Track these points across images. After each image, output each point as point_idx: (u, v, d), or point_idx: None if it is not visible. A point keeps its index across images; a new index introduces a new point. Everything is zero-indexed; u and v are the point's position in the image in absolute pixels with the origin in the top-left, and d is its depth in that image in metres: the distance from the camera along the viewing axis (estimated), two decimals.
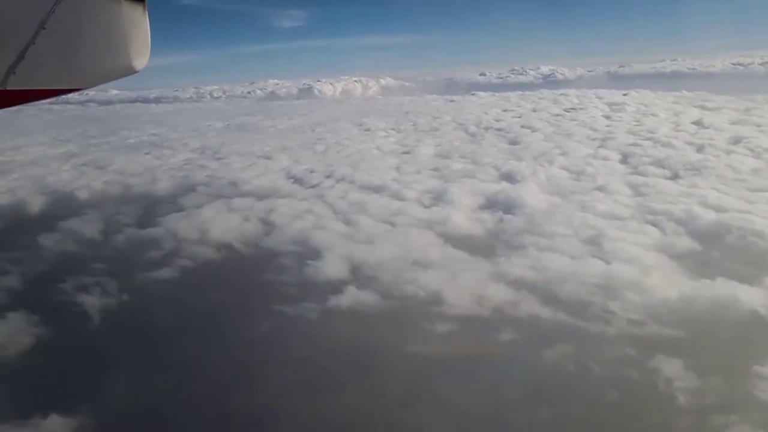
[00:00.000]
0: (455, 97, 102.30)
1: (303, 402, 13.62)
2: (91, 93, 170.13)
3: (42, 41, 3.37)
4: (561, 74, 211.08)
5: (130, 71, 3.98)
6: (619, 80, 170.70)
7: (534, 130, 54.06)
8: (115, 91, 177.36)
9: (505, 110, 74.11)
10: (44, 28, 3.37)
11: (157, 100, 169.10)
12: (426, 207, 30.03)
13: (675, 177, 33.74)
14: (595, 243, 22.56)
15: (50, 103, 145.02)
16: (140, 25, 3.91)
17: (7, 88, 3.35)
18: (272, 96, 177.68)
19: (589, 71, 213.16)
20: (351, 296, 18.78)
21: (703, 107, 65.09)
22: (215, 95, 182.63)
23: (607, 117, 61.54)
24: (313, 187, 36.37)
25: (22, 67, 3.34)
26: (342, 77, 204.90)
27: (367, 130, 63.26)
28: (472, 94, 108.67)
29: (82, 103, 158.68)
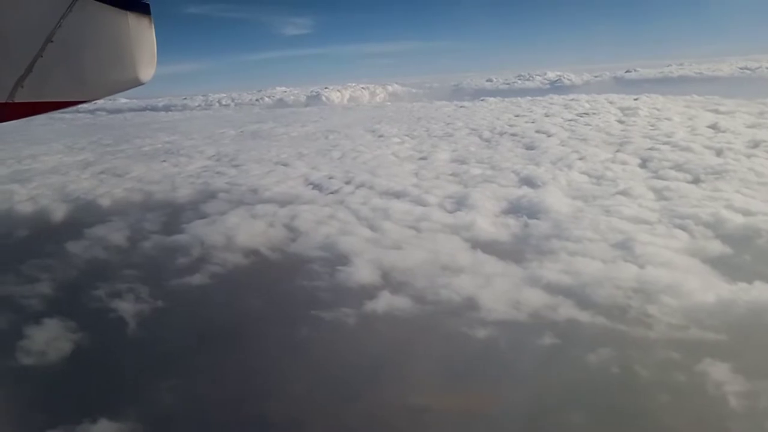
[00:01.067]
0: (465, 103, 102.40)
1: (350, 406, 13.62)
2: (100, 102, 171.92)
3: (49, 54, 3.44)
4: (568, 80, 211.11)
5: (136, 83, 4.02)
6: (627, 85, 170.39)
7: (549, 135, 54.01)
8: (123, 100, 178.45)
9: (517, 115, 74.14)
10: (51, 42, 3.43)
11: (167, 108, 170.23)
12: (449, 212, 30.02)
13: (696, 181, 33.64)
14: (625, 247, 22.49)
15: (61, 112, 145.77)
16: (146, 38, 3.95)
17: (15, 101, 3.41)
18: (280, 103, 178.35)
19: (595, 77, 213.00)
20: (386, 301, 18.79)
21: (716, 111, 64.89)
22: (224, 103, 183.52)
23: (621, 121, 61.44)
24: (333, 193, 36.44)
25: (30, 79, 3.40)
26: (349, 84, 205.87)
27: (381, 136, 63.37)
28: (482, 100, 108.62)
29: (91, 111, 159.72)
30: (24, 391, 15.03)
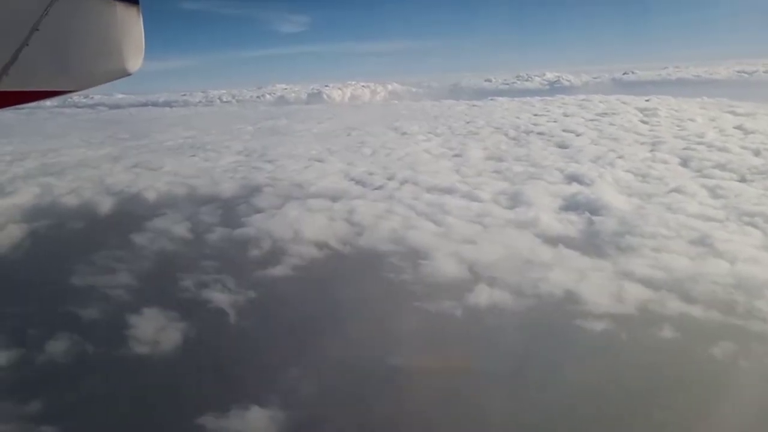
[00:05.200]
0: (477, 102, 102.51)
1: (485, 398, 13.66)
2: (98, 97, 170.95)
3: (35, 43, 3.37)
4: (567, 81, 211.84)
5: (123, 73, 3.94)
6: (626, 87, 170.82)
7: (578, 134, 54.23)
8: (120, 95, 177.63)
9: (535, 114, 74.31)
10: (37, 30, 3.36)
11: (167, 104, 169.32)
12: (507, 208, 30.13)
13: (744, 180, 33.96)
14: (704, 244, 22.68)
15: (60, 106, 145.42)
16: (134, 27, 3.87)
17: (1, 90, 3.36)
18: (282, 101, 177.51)
19: (594, 78, 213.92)
20: (486, 294, 18.85)
21: (734, 113, 65.34)
22: (225, 100, 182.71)
23: (645, 122, 61.72)
24: (378, 189, 36.37)
25: (15, 68, 3.34)
26: (350, 82, 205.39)
27: (404, 133, 63.34)
28: (491, 99, 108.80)
29: (91, 106, 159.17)
30: (152, 379, 14.97)
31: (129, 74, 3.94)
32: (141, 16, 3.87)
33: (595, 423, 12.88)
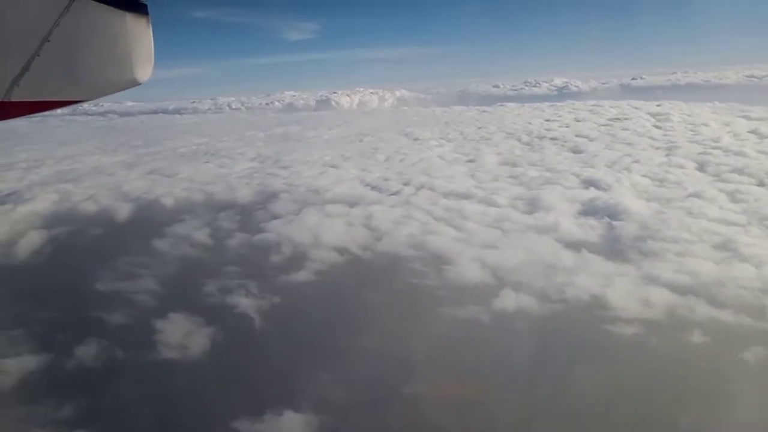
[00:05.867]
0: (487, 108, 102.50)
1: (523, 402, 13.62)
2: (108, 104, 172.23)
3: (46, 53, 3.43)
4: (575, 86, 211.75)
5: (133, 83, 4.00)
6: (635, 92, 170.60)
7: (591, 139, 54.12)
8: (130, 103, 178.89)
9: (547, 120, 74.20)
10: (48, 41, 3.43)
11: (177, 111, 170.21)
12: (526, 213, 30.07)
13: (763, 184, 33.74)
14: (728, 248, 22.55)
15: (70, 114, 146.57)
16: (144, 38, 3.92)
17: (11, 100, 3.42)
18: (290, 107, 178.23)
19: (602, 83, 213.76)
20: (513, 299, 18.80)
21: (747, 118, 65.01)
22: (234, 107, 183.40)
23: (658, 127, 61.55)
24: (394, 194, 36.37)
25: (26, 78, 3.41)
26: (357, 89, 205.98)
27: (416, 139, 63.39)
28: (501, 105, 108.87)
29: (102, 114, 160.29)
30: (183, 383, 15.01)
31: (138, 84, 4.00)
32: (150, 26, 3.95)
33: (634, 428, 12.81)
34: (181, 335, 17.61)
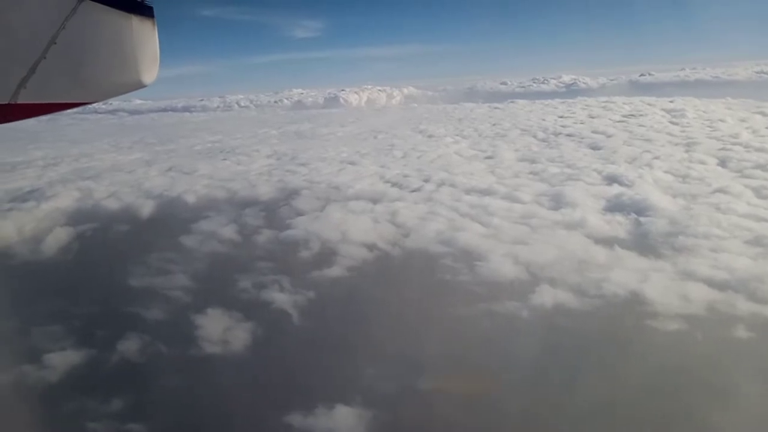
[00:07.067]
0: (499, 105, 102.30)
1: (575, 396, 13.60)
2: (117, 103, 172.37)
3: (52, 56, 3.45)
4: (583, 83, 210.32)
5: (139, 86, 4.00)
6: (644, 88, 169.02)
7: (609, 136, 53.96)
8: (138, 101, 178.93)
9: (561, 116, 74.06)
10: (55, 44, 3.44)
11: (186, 109, 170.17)
12: (552, 209, 29.97)
13: None
14: (761, 244, 22.47)
15: (80, 113, 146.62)
16: (150, 40, 3.92)
17: (18, 102, 3.44)
18: (299, 105, 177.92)
19: (611, 80, 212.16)
20: (550, 295, 18.77)
21: (763, 113, 64.75)
22: (243, 104, 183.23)
23: (674, 123, 61.29)
24: (416, 191, 36.36)
25: (33, 81, 3.43)
26: (365, 87, 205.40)
27: (431, 136, 63.41)
28: (512, 102, 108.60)
29: (111, 112, 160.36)
30: (230, 378, 15.06)
31: (144, 86, 4.01)
32: (156, 28, 3.95)
33: (687, 421, 12.78)
34: (222, 330, 17.66)
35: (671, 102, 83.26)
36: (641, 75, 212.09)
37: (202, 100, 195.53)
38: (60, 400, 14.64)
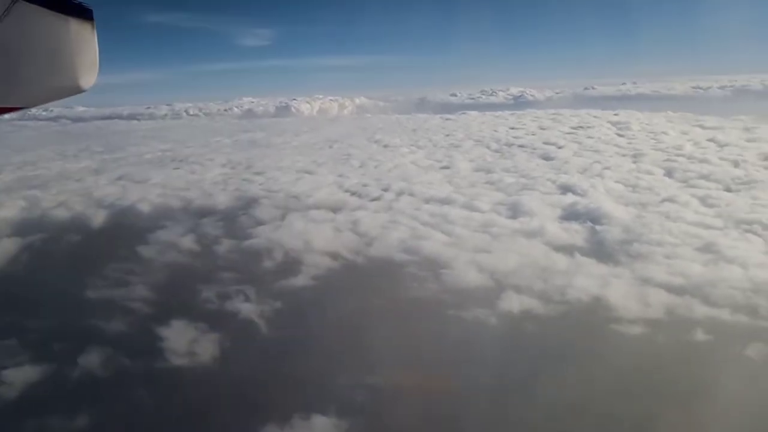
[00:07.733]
0: (451, 116, 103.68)
1: (548, 399, 13.85)
2: (58, 110, 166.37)
3: None
4: (531, 95, 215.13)
5: (77, 90, 3.84)
6: (588, 101, 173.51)
7: (559, 147, 55.39)
8: (81, 108, 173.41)
9: (512, 128, 75.60)
10: None
11: (133, 117, 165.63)
12: (510, 218, 30.55)
13: (730, 190, 35.17)
14: (711, 251, 23.43)
15: (20, 119, 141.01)
16: (88, 44, 3.75)
17: None
18: (250, 114, 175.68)
19: (557, 93, 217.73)
20: (516, 301, 19.12)
21: (702, 126, 67.75)
22: (192, 113, 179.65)
23: (621, 135, 63.47)
24: (375, 200, 36.46)
25: None
26: (317, 96, 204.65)
27: (386, 146, 63.70)
28: (463, 113, 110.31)
29: (53, 119, 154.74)
30: (200, 390, 14.69)
31: (82, 91, 3.86)
32: (95, 32, 3.77)
33: (652, 422, 13.19)
34: (188, 342, 17.25)
35: (616, 115, 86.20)
36: (585, 88, 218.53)
37: (149, 107, 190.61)
38: (21, 417, 14.01)
